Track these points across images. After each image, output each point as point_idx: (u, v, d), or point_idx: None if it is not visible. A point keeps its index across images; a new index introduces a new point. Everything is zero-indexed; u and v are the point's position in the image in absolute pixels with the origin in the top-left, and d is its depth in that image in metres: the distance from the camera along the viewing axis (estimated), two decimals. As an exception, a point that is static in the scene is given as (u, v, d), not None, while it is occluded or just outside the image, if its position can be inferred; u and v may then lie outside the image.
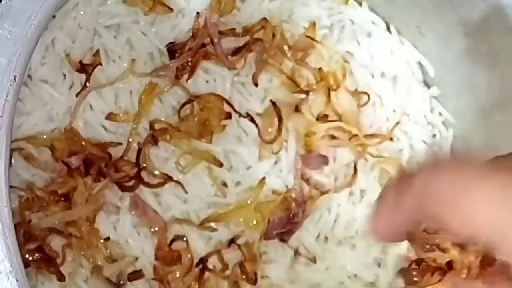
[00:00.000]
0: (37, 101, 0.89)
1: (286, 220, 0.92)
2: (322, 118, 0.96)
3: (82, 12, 0.91)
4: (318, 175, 0.94)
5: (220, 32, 0.92)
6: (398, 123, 1.00)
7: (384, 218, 0.60)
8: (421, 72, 1.04)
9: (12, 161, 0.85)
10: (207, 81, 0.94)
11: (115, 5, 0.93)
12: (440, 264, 0.90)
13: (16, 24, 0.75)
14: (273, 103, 0.92)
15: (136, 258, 0.88)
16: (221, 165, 0.91)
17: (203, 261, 0.89)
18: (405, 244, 0.95)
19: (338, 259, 0.96)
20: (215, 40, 0.91)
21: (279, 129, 0.92)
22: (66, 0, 0.90)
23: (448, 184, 0.54)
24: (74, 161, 0.86)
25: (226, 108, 0.91)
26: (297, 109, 0.95)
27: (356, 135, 0.95)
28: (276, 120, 0.92)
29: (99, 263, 0.86)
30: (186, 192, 0.91)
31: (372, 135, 0.97)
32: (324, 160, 0.95)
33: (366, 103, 0.98)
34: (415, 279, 0.93)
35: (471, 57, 0.96)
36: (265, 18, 0.94)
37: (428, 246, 0.89)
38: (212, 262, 0.90)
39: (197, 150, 0.91)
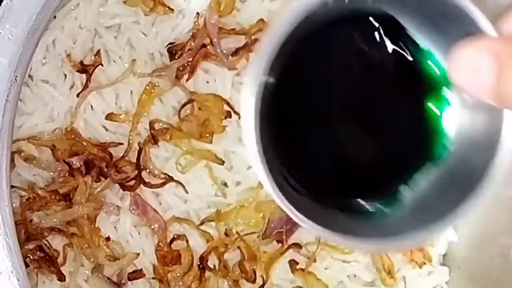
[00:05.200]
0: (38, 101, 0.89)
1: (286, 220, 0.92)
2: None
3: (82, 13, 0.91)
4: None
5: (220, 31, 0.92)
6: None
7: (469, 56, 0.50)
8: (420, 72, 1.04)
9: (15, 161, 0.86)
10: (207, 81, 0.94)
11: (116, 6, 0.93)
12: None
13: (17, 25, 0.75)
14: None
15: (138, 254, 0.88)
16: (222, 162, 0.91)
17: (203, 260, 0.89)
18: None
19: (337, 258, 0.96)
20: (215, 40, 0.92)
21: None
22: (67, 0, 0.90)
23: None
24: (75, 161, 0.87)
25: (226, 108, 0.92)
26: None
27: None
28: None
29: (100, 262, 0.87)
30: (186, 191, 0.91)
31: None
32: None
33: (366, 103, 0.99)
34: None
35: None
36: (262, 20, 0.94)
37: None
38: (213, 261, 0.90)
39: (198, 150, 0.91)
